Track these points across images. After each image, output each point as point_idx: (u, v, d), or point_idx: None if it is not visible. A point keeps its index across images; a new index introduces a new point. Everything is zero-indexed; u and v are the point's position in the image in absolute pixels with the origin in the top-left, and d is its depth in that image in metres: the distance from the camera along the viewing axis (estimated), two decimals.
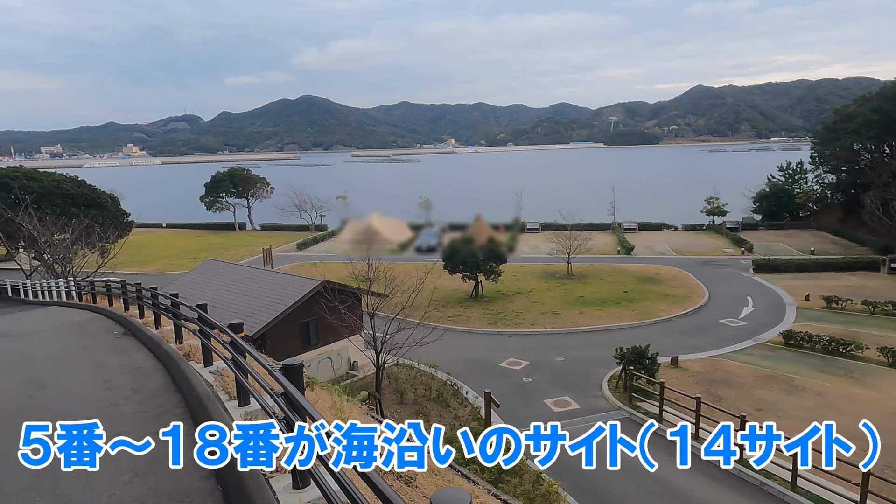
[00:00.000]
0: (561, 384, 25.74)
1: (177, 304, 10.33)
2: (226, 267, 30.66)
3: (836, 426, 6.67)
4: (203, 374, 8.38)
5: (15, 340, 13.83)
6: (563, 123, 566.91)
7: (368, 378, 26.77)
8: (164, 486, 5.33)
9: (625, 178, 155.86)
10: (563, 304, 38.12)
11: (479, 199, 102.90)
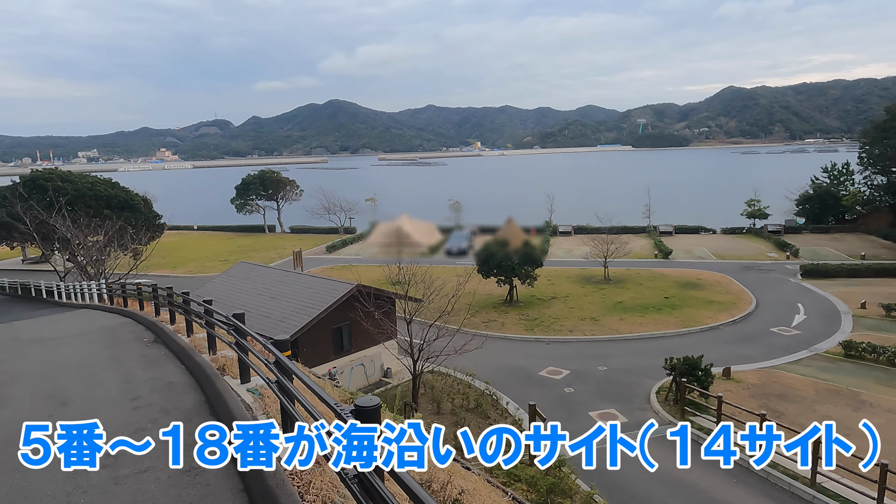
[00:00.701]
0: (606, 395, 24.37)
1: (210, 311, 9.42)
2: (257, 270, 30.04)
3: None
4: (240, 392, 7.42)
5: (42, 347, 13.16)
6: (591, 126, 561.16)
7: (403, 386, 25.79)
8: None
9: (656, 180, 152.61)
10: (602, 309, 36.63)
11: (507, 202, 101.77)
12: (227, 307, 27.21)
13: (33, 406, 7.89)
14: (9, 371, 10.59)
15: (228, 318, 7.89)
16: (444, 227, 42.52)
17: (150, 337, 12.82)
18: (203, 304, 9.69)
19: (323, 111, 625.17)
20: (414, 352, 21.39)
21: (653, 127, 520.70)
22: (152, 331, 13.77)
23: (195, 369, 8.85)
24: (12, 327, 19.20)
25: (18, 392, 8.76)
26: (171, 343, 11.43)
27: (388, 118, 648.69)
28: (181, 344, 10.69)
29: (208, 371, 8.21)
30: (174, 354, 10.61)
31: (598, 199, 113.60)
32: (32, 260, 55.86)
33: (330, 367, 25.03)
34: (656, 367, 27.09)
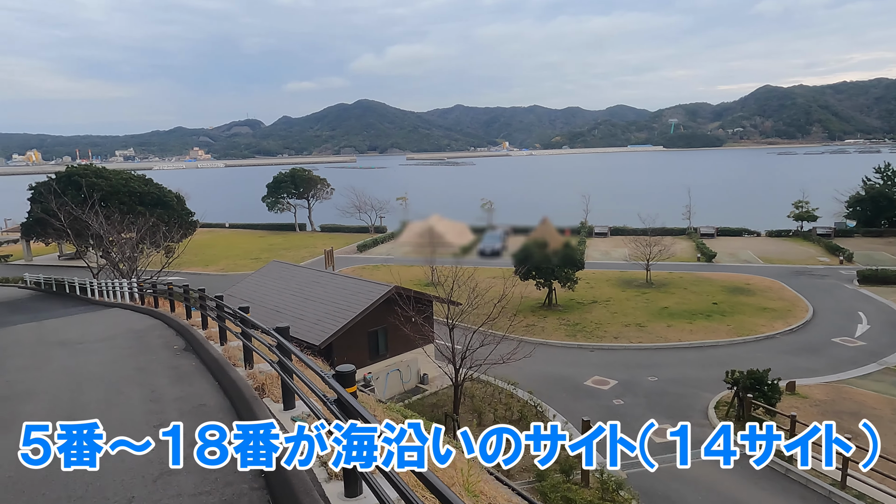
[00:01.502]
0: (658, 409, 22.71)
1: (247, 321, 8.25)
2: (290, 269, 29.13)
3: None
4: (284, 423, 6.19)
5: (67, 352, 12.25)
6: (621, 126, 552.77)
7: (441, 394, 24.54)
8: None
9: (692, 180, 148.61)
10: (647, 315, 34.80)
11: (538, 202, 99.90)
12: (260, 308, 26.34)
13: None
14: (28, 381, 9.62)
15: (269, 331, 6.68)
16: (477, 226, 41.33)
17: (180, 344, 11.78)
18: (239, 311, 8.52)
19: (352, 111, 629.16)
20: (456, 359, 20.07)
21: (685, 127, 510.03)
22: (183, 336, 12.75)
23: (230, 388, 7.68)
24: (42, 327, 18.54)
25: (32, 409, 7.73)
26: (204, 353, 10.33)
27: (416, 118, 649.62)
28: (214, 355, 9.57)
29: (246, 393, 7.03)
30: (206, 367, 9.49)
31: (633, 199, 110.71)
32: (68, 256, 56.33)
33: (365, 373, 23.92)
34: (711, 378, 25.35)
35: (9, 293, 39.65)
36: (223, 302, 10.36)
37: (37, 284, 41.14)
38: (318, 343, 21.45)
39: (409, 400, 24.29)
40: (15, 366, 11.29)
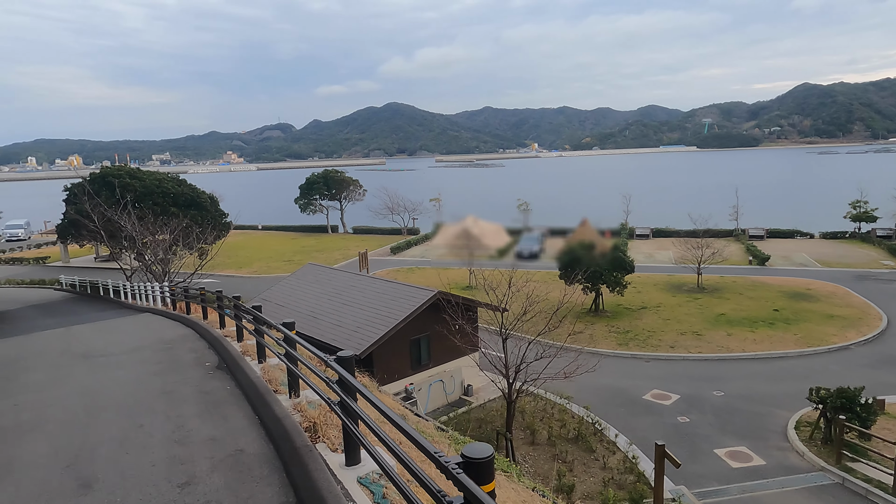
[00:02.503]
0: (730, 428, 20.55)
1: (292, 341, 6.66)
2: (326, 272, 27.77)
3: None
4: (348, 486, 4.55)
5: (88, 367, 10.95)
6: (653, 126, 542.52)
7: (488, 408, 22.79)
8: None
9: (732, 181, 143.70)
10: (703, 323, 32.46)
11: (571, 204, 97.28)
12: (296, 313, 25.00)
13: (41, 485, 5.33)
14: (38, 405, 8.26)
15: (328, 361, 5.06)
16: (512, 228, 39.75)
17: (213, 360, 10.32)
18: (283, 328, 6.94)
19: (381, 114, 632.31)
20: (509, 373, 18.31)
21: (719, 127, 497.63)
22: (216, 350, 11.32)
23: (274, 428, 6.10)
24: (70, 333, 17.48)
25: (32, 450, 6.30)
26: (239, 373, 8.83)
27: (444, 120, 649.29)
28: (252, 378, 8.05)
29: (295, 439, 5.43)
30: (243, 392, 7.97)
31: (672, 200, 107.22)
32: (104, 258, 56.35)
33: (406, 384, 22.34)
34: (784, 393, 23.08)
35: (45, 295, 39.42)
36: (262, 314, 8.83)
37: (72, 286, 40.87)
38: (358, 352, 19.94)
39: (453, 413, 22.62)
40: (30, 383, 10.00)
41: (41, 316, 27.71)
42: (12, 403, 8.48)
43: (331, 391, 5.30)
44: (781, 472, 17.61)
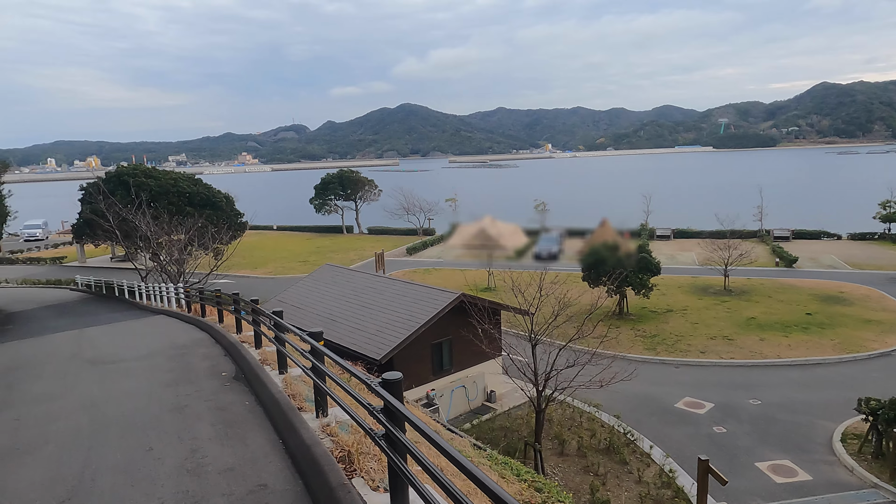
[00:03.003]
0: (770, 439, 19.44)
1: (319, 353, 5.83)
2: (344, 273, 27.02)
3: None
4: None
5: (98, 375, 10.22)
6: (668, 126, 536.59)
7: (513, 415, 21.87)
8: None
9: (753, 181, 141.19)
10: (733, 327, 31.25)
11: (587, 204, 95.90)
12: (313, 315, 24.27)
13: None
14: (40, 420, 7.52)
15: (371, 383, 4.21)
16: (530, 229, 38.91)
17: (229, 369, 9.54)
18: (309, 339, 6.10)
19: (395, 115, 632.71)
20: (538, 381, 17.37)
21: (736, 127, 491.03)
22: (232, 357, 10.54)
23: (302, 458, 5.25)
24: (81, 336, 16.89)
25: (28, 478, 5.54)
26: (259, 385, 8.02)
27: (458, 121, 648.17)
28: (273, 392, 7.23)
29: (329, 475, 4.57)
30: (264, 409, 7.15)
31: (691, 200, 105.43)
32: (120, 258, 56.19)
33: (428, 390, 21.50)
34: (824, 402, 21.93)
35: (60, 295, 39.13)
36: (283, 321, 8.01)
37: (87, 287, 40.56)
38: (378, 357, 19.15)
39: (476, 421, 21.74)
40: (35, 393, 9.29)
41: (55, 317, 27.26)
42: (13, 417, 7.76)
43: (369, 416, 4.46)
44: (830, 489, 16.51)
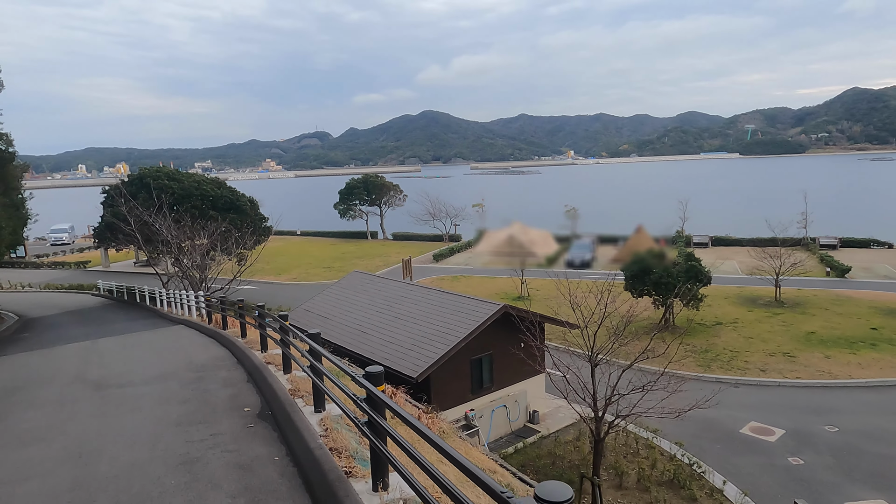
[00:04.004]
0: (858, 475, 17.12)
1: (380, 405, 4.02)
2: (373, 281, 25.32)
3: None
4: None
5: (98, 403, 8.62)
6: (693, 133, 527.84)
7: (562, 439, 19.86)
8: None
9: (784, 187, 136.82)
10: (792, 342, 28.80)
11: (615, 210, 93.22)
12: (342, 327, 22.56)
13: None
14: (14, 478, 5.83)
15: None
16: (560, 235, 37.06)
17: (253, 402, 7.80)
18: (366, 382, 4.30)
19: (417, 122, 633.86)
20: (597, 406, 15.38)
21: (763, 133, 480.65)
22: (256, 383, 8.82)
23: None
24: (94, 349, 15.46)
25: None
26: (291, 430, 6.26)
27: (479, 127, 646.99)
28: (308, 442, 5.46)
29: None
30: (298, 470, 5.37)
31: (725, 207, 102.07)
32: (143, 263, 55.46)
33: (467, 410, 19.63)
34: None
35: (81, 301, 38.24)
36: (321, 347, 6.24)
37: (109, 292, 39.64)
38: (414, 375, 17.35)
39: (519, 445, 19.79)
40: (22, 429, 7.68)
41: (72, 324, 26.06)
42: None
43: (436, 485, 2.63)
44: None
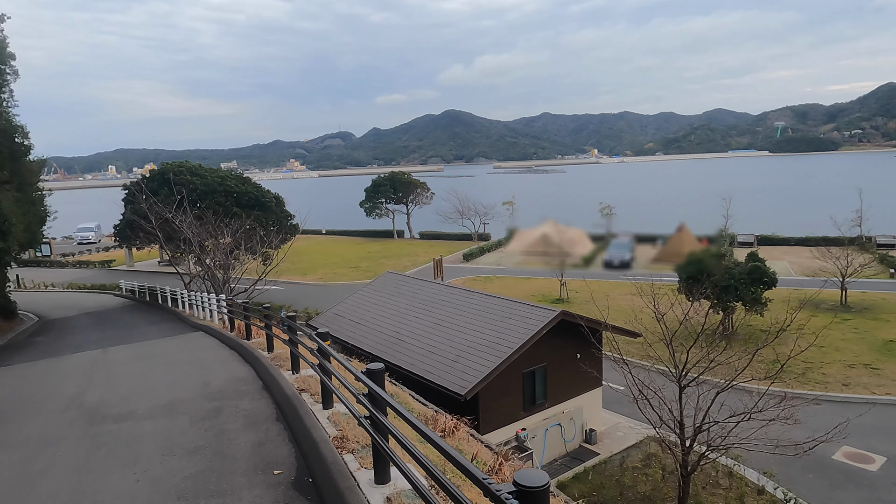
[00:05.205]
0: None
1: None
2: (409, 283, 23.19)
3: None
4: None
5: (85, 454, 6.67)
6: (720, 130, 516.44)
7: (628, 462, 17.48)
8: None
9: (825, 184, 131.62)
10: (870, 352, 25.95)
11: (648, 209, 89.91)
12: (377, 333, 20.33)
13: None
14: None
15: None
16: (595, 234, 34.75)
17: (286, 459, 5.67)
18: (472, 469, 2.10)
19: (439, 121, 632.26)
20: (685, 435, 13.03)
21: (794, 130, 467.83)
22: (289, 426, 6.71)
23: None
24: (103, 360, 13.66)
25: None
26: None
27: (502, 127, 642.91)
28: None
29: None
30: None
31: (763, 205, 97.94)
32: (166, 262, 54.31)
33: (518, 430, 17.37)
34: None
35: (103, 301, 37.01)
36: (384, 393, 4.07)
37: (131, 293, 38.39)
38: (461, 392, 15.16)
39: (578, 469, 17.47)
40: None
41: (89, 328, 24.50)
42: None
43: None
44: None
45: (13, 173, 24.16)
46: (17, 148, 25.38)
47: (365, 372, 4.56)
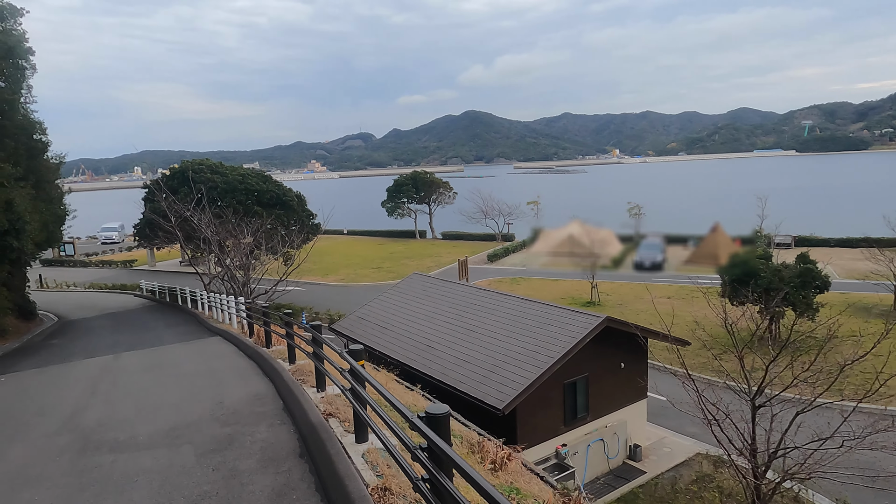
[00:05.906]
0: None
1: None
2: (437, 285, 21.90)
3: None
4: None
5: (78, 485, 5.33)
6: (745, 130, 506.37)
7: (679, 483, 15.93)
8: None
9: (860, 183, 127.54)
10: None
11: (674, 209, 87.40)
12: (405, 339, 18.81)
13: None
14: None
15: None
16: (623, 234, 33.18)
17: None
18: None
19: (459, 122, 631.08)
20: (758, 460, 11.53)
21: (822, 129, 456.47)
22: (316, 468, 5.45)
23: None
24: (112, 369, 12.67)
25: None
26: None
27: (522, 127, 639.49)
28: None
29: None
30: None
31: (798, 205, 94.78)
32: (188, 262, 53.84)
33: (558, 446, 15.95)
34: None
35: (123, 302, 36.46)
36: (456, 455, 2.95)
37: (151, 293, 37.85)
38: (500, 406, 13.82)
39: (624, 489, 16.00)
40: None
41: (106, 330, 23.69)
42: None
43: None
44: None
45: (30, 170, 23.44)
46: (35, 145, 24.71)
47: (424, 418, 3.25)
